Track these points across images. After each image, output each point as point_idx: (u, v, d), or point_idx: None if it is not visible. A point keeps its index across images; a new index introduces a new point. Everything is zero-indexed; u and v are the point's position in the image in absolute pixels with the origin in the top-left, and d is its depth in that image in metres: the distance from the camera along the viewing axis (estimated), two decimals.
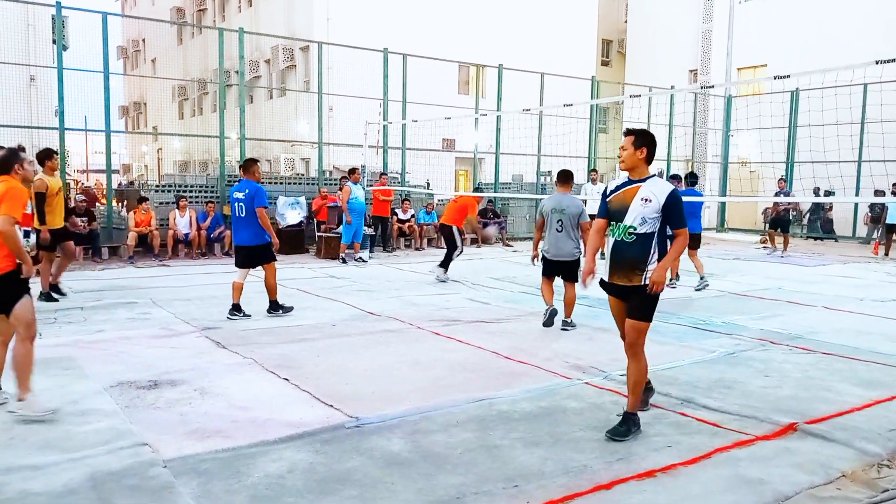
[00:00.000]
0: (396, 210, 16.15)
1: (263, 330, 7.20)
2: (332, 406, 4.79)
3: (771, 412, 4.79)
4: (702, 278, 10.13)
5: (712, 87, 9.95)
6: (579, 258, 7.22)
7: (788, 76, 7.40)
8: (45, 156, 8.37)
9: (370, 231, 14.48)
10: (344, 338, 6.93)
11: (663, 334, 7.32)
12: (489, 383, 5.37)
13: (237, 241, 8.00)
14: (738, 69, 25.25)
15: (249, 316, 7.77)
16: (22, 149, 4.70)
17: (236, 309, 7.77)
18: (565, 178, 7.58)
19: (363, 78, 17.98)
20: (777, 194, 16.39)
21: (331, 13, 24.00)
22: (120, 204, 19.90)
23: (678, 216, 4.32)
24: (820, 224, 20.87)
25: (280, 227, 14.67)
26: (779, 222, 16.18)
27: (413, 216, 16.37)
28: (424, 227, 16.46)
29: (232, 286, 7.88)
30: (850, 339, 7.12)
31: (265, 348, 6.41)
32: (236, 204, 7.77)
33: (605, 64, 34.23)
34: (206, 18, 33.36)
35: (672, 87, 21.01)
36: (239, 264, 7.97)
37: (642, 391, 4.47)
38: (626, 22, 33.27)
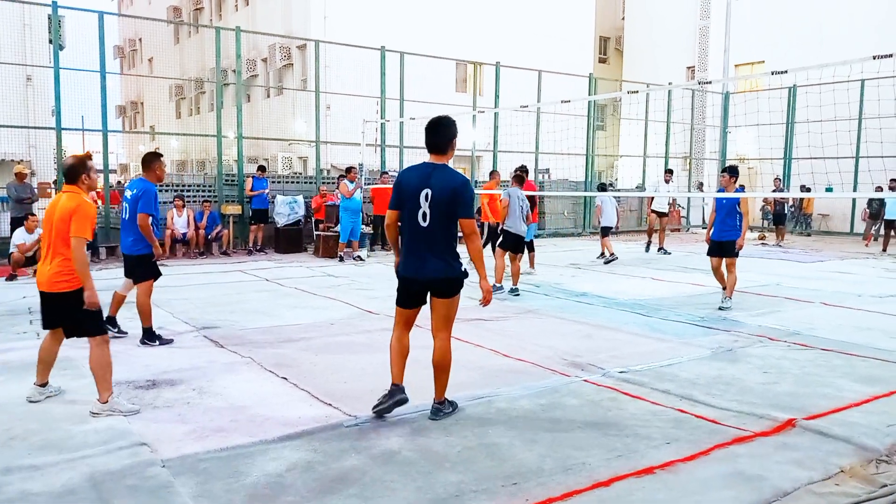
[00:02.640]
0: None
1: (261, 329, 7.20)
2: (330, 405, 4.79)
3: (769, 408, 4.80)
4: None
5: (710, 83, 9.99)
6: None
7: (786, 72, 7.39)
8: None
9: (368, 230, 14.47)
10: (342, 336, 6.93)
11: (662, 331, 7.33)
12: (488, 381, 5.37)
13: (121, 246, 6.77)
14: (736, 65, 25.25)
15: (125, 334, 6.80)
16: (90, 157, 4.70)
17: (110, 322, 6.56)
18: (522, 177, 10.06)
19: (360, 76, 17.96)
20: (773, 192, 16.67)
21: (328, 11, 23.96)
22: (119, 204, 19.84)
23: None
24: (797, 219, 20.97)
25: (278, 225, 14.69)
26: (777, 217, 16.79)
27: None
28: None
29: (112, 296, 6.77)
30: (849, 335, 7.12)
31: (263, 347, 6.40)
32: (124, 203, 6.59)
33: (602, 61, 34.23)
34: (202, 17, 33.30)
35: (670, 84, 21.03)
36: (125, 273, 6.75)
37: None
38: (623, 19, 33.27)
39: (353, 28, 21.79)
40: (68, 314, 4.57)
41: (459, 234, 4.50)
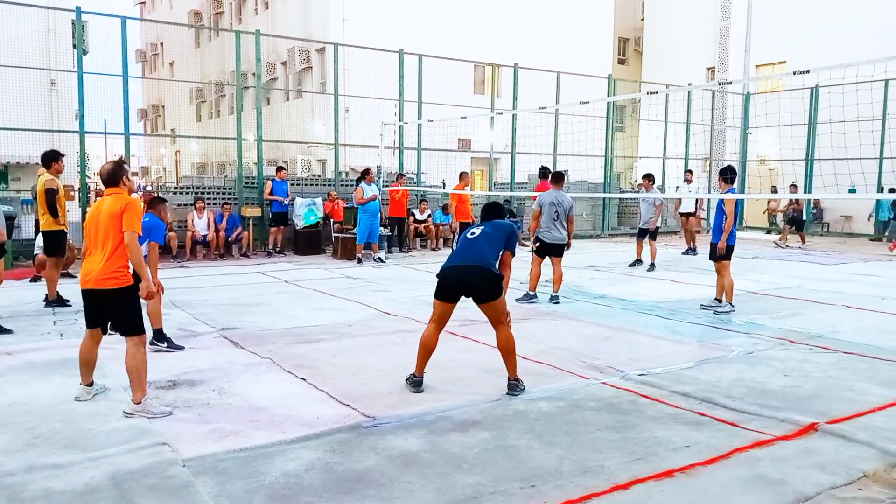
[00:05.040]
0: (413, 210, 16.17)
1: (281, 330, 7.24)
2: (349, 406, 4.81)
3: (791, 412, 4.74)
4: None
5: (730, 84, 9.88)
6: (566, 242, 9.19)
7: (808, 72, 7.29)
8: (52, 157, 8.34)
9: (386, 231, 14.52)
10: (360, 338, 6.95)
11: (681, 334, 7.28)
12: (505, 383, 5.36)
13: None
14: (757, 66, 25.02)
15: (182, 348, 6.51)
16: (124, 161, 4.97)
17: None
18: (560, 177, 9.45)
19: (379, 79, 18.03)
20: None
21: (346, 14, 24.08)
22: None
23: None
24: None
25: (297, 228, 14.79)
26: (794, 220, 16.98)
27: (430, 216, 16.39)
28: (441, 227, 16.48)
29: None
30: (872, 339, 7.02)
31: (283, 348, 6.44)
32: None
33: (621, 62, 34.05)
34: (223, 21, 33.61)
35: (689, 85, 20.87)
36: None
37: None
38: (642, 20, 33.08)
39: (372, 31, 21.89)
40: (112, 311, 4.69)
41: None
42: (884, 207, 19.64)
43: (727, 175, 8.54)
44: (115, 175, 4.77)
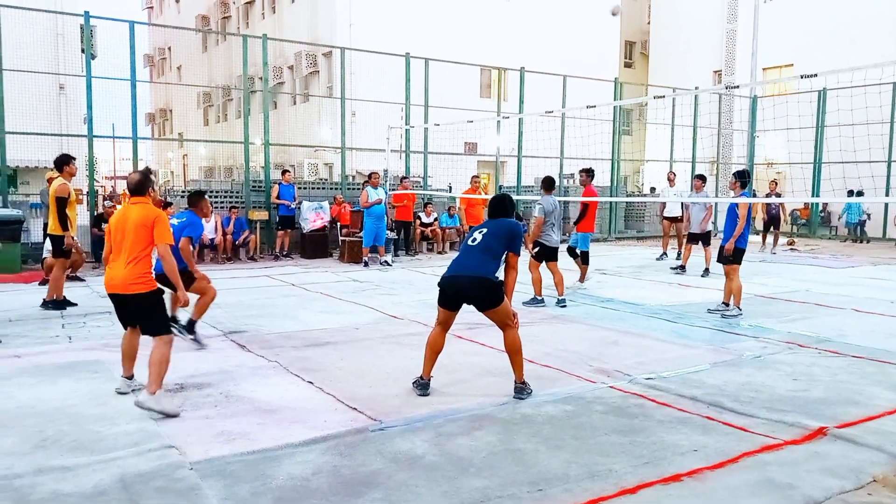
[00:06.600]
0: (419, 214, 16.19)
1: (288, 333, 7.25)
2: (355, 409, 4.81)
3: (800, 416, 4.72)
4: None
5: (737, 87, 9.82)
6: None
7: (815, 75, 7.27)
8: (64, 161, 8.45)
9: (392, 235, 14.53)
10: (367, 341, 6.96)
11: (689, 337, 7.25)
12: (513, 386, 5.35)
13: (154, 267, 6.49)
14: (764, 69, 24.95)
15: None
16: (150, 171, 5.22)
17: (174, 320, 6.63)
18: (553, 183, 9.42)
19: (385, 83, 18.06)
20: (767, 195, 16.36)
21: (353, 19, 24.16)
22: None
23: None
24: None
25: (304, 231, 14.82)
26: (774, 220, 16.81)
27: (436, 219, 16.40)
28: (447, 230, 16.48)
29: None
30: (882, 342, 6.98)
31: (289, 351, 6.45)
32: None
33: (628, 66, 34.03)
34: (230, 26, 33.76)
35: (696, 88, 20.81)
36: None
37: None
38: (649, 23, 33.06)
39: (379, 35, 21.94)
40: (138, 314, 4.88)
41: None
42: (853, 210, 19.89)
43: (744, 178, 8.49)
44: (142, 185, 4.94)
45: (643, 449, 4.15)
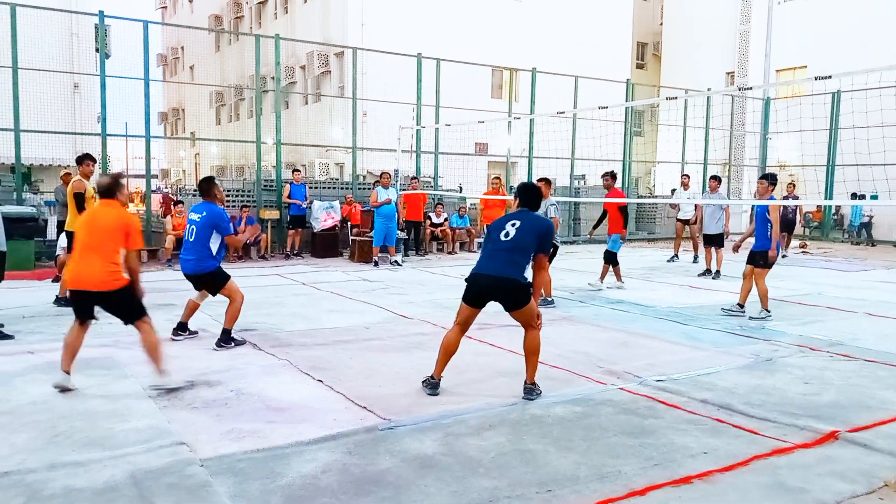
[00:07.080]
0: (430, 214, 16.20)
1: (298, 332, 7.28)
2: (365, 408, 4.82)
3: (811, 420, 4.69)
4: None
5: (750, 88, 9.76)
6: None
7: (829, 77, 7.22)
8: (79, 160, 8.67)
9: (403, 235, 14.55)
10: (377, 341, 6.97)
11: (699, 340, 7.22)
12: (522, 387, 5.35)
13: (182, 268, 6.79)
14: (777, 71, 24.80)
15: (196, 333, 6.98)
16: (122, 175, 5.58)
17: (181, 328, 6.92)
18: (548, 184, 9.59)
19: (397, 83, 18.09)
20: (785, 198, 16.26)
21: (365, 19, 24.21)
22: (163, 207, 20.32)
23: None
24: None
25: (315, 230, 14.86)
26: (787, 225, 16.40)
27: (446, 220, 16.40)
28: (457, 230, 16.49)
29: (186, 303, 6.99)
30: (894, 347, 6.93)
31: (300, 350, 6.48)
32: (190, 226, 6.63)
33: (640, 67, 33.93)
34: (243, 25, 33.90)
35: (709, 90, 20.72)
36: (196, 287, 6.90)
37: None
38: (661, 24, 32.95)
39: (390, 35, 21.97)
40: (116, 307, 5.19)
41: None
42: (855, 213, 19.82)
43: (774, 181, 8.46)
44: (111, 188, 5.25)
45: (653, 451, 4.14)
